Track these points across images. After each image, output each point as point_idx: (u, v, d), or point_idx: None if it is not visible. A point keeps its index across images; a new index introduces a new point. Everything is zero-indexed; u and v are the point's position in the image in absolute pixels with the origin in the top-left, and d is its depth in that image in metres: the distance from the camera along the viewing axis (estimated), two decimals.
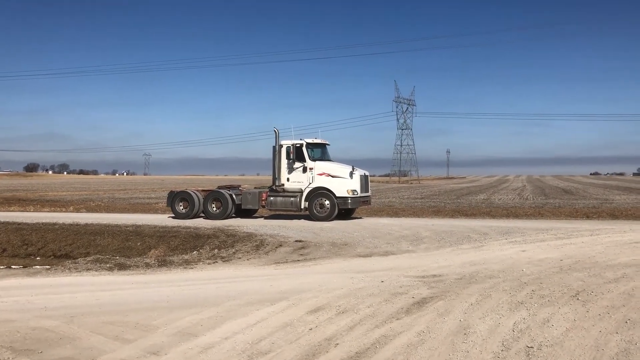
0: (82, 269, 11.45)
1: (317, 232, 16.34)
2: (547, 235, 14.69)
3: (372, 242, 14.41)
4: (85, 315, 7.32)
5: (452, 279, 9.04)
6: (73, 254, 15.61)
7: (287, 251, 13.30)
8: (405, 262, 11.16)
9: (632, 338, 5.77)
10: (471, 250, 12.48)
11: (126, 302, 8.17)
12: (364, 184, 20.58)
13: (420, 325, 6.44)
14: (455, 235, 15.11)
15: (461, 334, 6.08)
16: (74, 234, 17.52)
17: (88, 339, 6.34)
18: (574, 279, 8.59)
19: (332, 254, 12.80)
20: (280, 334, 6.30)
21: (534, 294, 7.69)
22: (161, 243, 15.60)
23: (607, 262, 10.06)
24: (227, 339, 6.19)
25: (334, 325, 6.56)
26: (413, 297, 7.76)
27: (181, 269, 11.42)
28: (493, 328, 6.26)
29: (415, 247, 13.48)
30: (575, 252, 11.50)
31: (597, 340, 5.78)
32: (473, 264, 10.42)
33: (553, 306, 7.05)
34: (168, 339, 6.24)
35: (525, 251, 11.89)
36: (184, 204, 21.65)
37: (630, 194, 43.31)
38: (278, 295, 8.16)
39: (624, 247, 12.03)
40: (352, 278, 9.41)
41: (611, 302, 7.14)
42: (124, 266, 11.69)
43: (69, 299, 8.45)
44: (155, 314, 7.27)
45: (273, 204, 20.76)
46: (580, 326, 6.23)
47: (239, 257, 12.74)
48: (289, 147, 20.54)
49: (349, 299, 7.78)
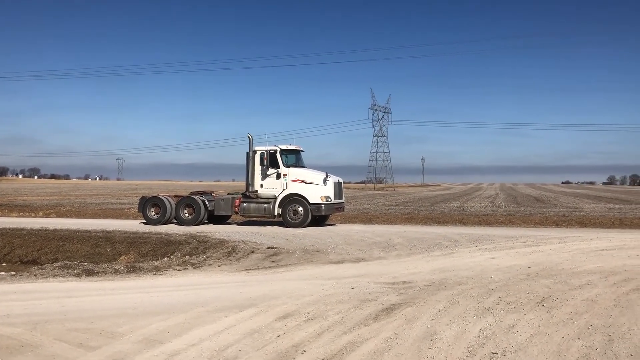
0: (49, 275, 11.24)
1: (289, 239, 16.31)
2: (517, 242, 14.91)
3: (344, 248, 14.44)
4: (49, 322, 7.18)
5: (421, 285, 9.11)
6: (40, 260, 15.30)
7: (259, 258, 13.23)
8: (376, 269, 11.20)
9: (593, 343, 5.90)
10: (441, 257, 12.59)
11: (92, 308, 8.04)
12: (337, 190, 20.62)
13: (387, 332, 6.48)
14: (427, 242, 15.24)
15: (427, 340, 6.14)
16: (42, 239, 17.17)
17: (51, 346, 6.23)
18: (541, 286, 8.74)
19: (304, 260, 12.78)
20: (248, 341, 6.26)
21: (500, 301, 7.80)
22: (131, 249, 15.40)
23: (573, 270, 10.25)
24: (194, 345, 6.13)
25: (302, 332, 6.56)
26: (382, 304, 7.80)
27: (150, 276, 11.28)
28: (459, 334, 6.33)
29: (387, 253, 13.54)
30: (543, 259, 11.69)
31: (559, 345, 5.89)
32: (442, 271, 10.52)
33: (519, 312, 7.16)
34: (134, 346, 6.16)
35: (495, 258, 12.05)
36: (155, 210, 21.38)
37: (599, 203, 44.23)
38: (247, 302, 8.12)
39: (590, 254, 12.27)
40: (323, 285, 9.42)
41: (575, 309, 7.29)
42: (92, 272, 11.50)
43: (33, 305, 8.27)
44: (121, 321, 7.17)
45: (246, 210, 20.67)
46: (544, 332, 6.34)
47: (210, 264, 12.63)
48: (262, 153, 20.46)
49: (319, 306, 7.78)
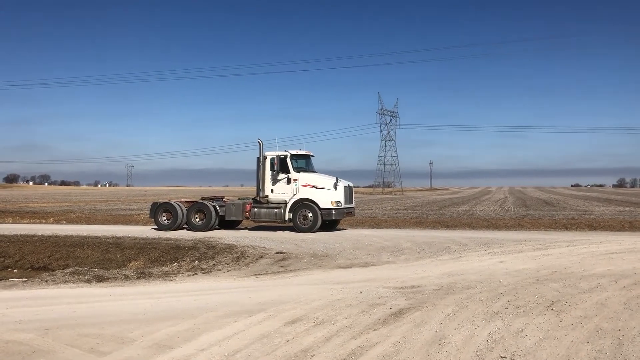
0: (60, 281, 11.34)
1: (298, 244, 16.35)
2: (526, 246, 14.88)
3: (352, 253, 14.46)
4: (61, 328, 7.26)
5: (430, 289, 9.12)
6: (51, 266, 15.44)
7: (267, 263, 13.28)
8: (385, 273, 11.22)
9: (602, 347, 5.89)
10: (450, 261, 12.58)
11: (103, 314, 8.11)
12: (348, 195, 20.57)
13: (396, 336, 6.49)
14: (435, 247, 15.23)
15: (436, 345, 6.14)
16: (52, 245, 17.33)
17: (62, 352, 6.29)
18: (550, 290, 8.72)
19: (312, 265, 12.81)
20: (257, 346, 6.30)
21: (509, 305, 7.79)
22: (141, 255, 15.51)
23: (583, 273, 10.22)
24: (203, 350, 6.17)
25: (311, 337, 6.59)
26: (391, 308, 7.82)
27: (160, 281, 11.35)
28: (468, 338, 6.33)
29: (396, 258, 13.55)
30: (552, 262, 11.66)
31: (568, 349, 5.88)
32: (451, 275, 10.51)
33: (528, 316, 7.16)
34: (144, 351, 6.21)
35: (503, 262, 12.02)
36: (167, 216, 21.47)
37: (609, 206, 43.94)
38: (256, 307, 8.16)
39: (600, 257, 12.23)
40: (331, 289, 9.44)
41: (584, 312, 7.27)
42: (103, 278, 11.59)
43: (44, 311, 8.36)
44: (132, 326, 7.23)
45: (257, 216, 20.66)
46: (553, 336, 6.33)
47: (219, 269, 12.70)
48: (273, 159, 20.51)
49: (327, 310, 7.81)
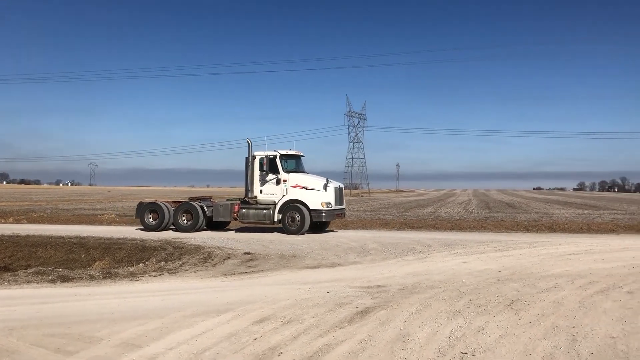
0: (23, 282, 11.15)
1: (266, 245, 16.41)
2: (488, 247, 15.29)
3: (320, 254, 14.60)
4: (25, 327, 7.19)
5: (395, 289, 9.33)
6: (12, 267, 15.08)
7: (235, 263, 13.31)
8: (352, 274, 11.40)
9: (558, 343, 6.17)
10: (415, 262, 12.85)
11: (69, 314, 8.05)
12: (338, 196, 20.34)
13: (362, 334, 6.66)
14: (401, 247, 15.50)
15: (400, 342, 6.33)
16: (13, 245, 16.96)
17: (28, 351, 6.25)
18: (510, 289, 9.04)
19: (280, 266, 12.91)
20: (225, 344, 6.38)
21: (471, 303, 8.06)
22: (106, 255, 15.32)
23: (542, 273, 10.61)
24: (172, 349, 6.22)
25: (279, 335, 6.70)
26: (357, 307, 7.99)
27: (126, 281, 11.28)
28: (431, 336, 6.54)
29: (362, 258, 13.76)
30: (513, 263, 12.05)
31: (526, 345, 6.14)
32: (416, 275, 10.77)
33: (488, 315, 7.42)
34: (112, 350, 6.22)
35: (466, 262, 12.35)
36: (153, 216, 21.10)
37: (570, 208, 45.24)
38: (224, 307, 8.22)
39: (558, 258, 12.69)
40: (299, 289, 9.57)
41: (542, 311, 7.58)
42: (67, 278, 11.45)
43: (8, 312, 8.24)
44: (99, 326, 7.21)
45: (245, 217, 20.34)
46: (512, 333, 6.59)
47: (185, 270, 12.68)
48: (262, 159, 20.15)
49: (295, 310, 7.93)
